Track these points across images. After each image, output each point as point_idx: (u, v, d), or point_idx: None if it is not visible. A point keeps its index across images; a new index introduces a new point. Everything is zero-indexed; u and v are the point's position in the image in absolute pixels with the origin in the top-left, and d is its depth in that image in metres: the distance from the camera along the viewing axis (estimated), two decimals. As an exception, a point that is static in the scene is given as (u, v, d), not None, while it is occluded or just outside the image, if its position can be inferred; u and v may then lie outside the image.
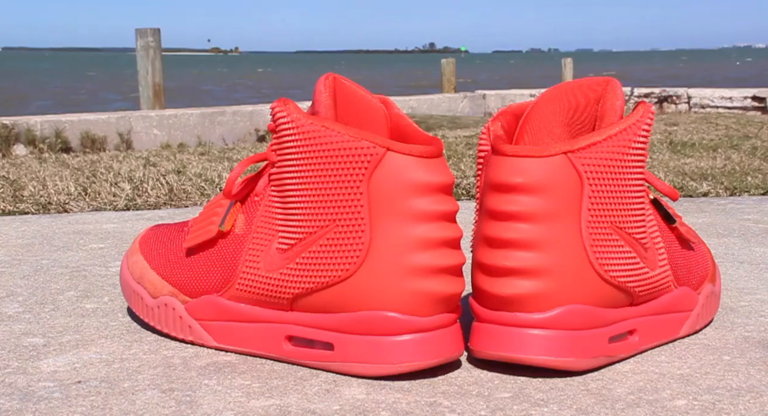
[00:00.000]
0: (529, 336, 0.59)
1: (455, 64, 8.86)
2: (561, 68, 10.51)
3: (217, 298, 0.64)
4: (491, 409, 0.54)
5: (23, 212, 1.30)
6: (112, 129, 5.49)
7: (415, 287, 0.58)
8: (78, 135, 5.32)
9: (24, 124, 5.34)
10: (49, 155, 2.68)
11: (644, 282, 0.63)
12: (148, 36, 5.95)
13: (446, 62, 8.83)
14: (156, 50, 6.02)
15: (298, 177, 0.60)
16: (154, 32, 5.91)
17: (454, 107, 7.79)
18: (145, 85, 6.01)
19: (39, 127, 5.37)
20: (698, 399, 0.56)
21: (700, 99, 7.41)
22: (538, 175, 0.59)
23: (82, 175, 1.65)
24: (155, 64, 6.02)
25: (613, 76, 0.66)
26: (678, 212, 1.21)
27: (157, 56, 6.04)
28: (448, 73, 8.74)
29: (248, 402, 0.55)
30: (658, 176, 1.61)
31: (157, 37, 5.99)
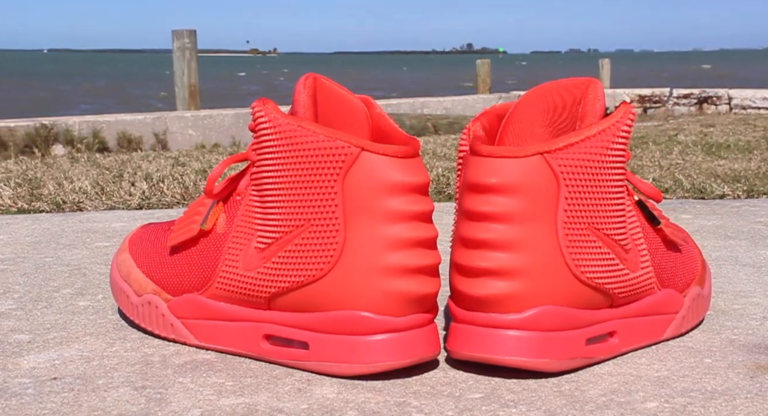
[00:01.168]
0: (504, 336, 0.59)
1: (490, 65, 8.83)
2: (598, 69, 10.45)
3: (198, 297, 0.65)
4: (459, 410, 0.54)
5: (38, 210, 1.32)
6: (148, 129, 5.54)
7: (389, 287, 0.58)
8: (115, 135, 5.38)
9: (63, 124, 5.41)
10: (82, 155, 2.71)
11: (624, 284, 0.62)
12: (184, 37, 6.00)
13: (481, 63, 8.81)
14: (192, 51, 6.06)
15: (275, 176, 0.60)
16: (190, 34, 5.95)
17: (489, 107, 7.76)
18: (180, 86, 6.05)
19: (77, 127, 5.43)
20: (670, 401, 0.55)
21: (741, 100, 7.34)
22: (514, 175, 0.59)
23: (108, 174, 1.67)
24: (191, 66, 6.06)
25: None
26: (689, 214, 1.20)
27: (193, 57, 6.08)
28: (483, 74, 8.72)
29: (218, 401, 0.55)
30: (689, 177, 1.59)
31: (193, 38, 6.03)
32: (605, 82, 10.56)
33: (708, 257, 0.96)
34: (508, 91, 8.38)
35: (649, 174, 1.64)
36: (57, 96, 14.74)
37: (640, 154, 2.07)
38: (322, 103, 0.65)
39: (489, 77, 8.78)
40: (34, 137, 5.32)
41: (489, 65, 8.82)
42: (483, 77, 8.73)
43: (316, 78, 0.65)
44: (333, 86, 0.65)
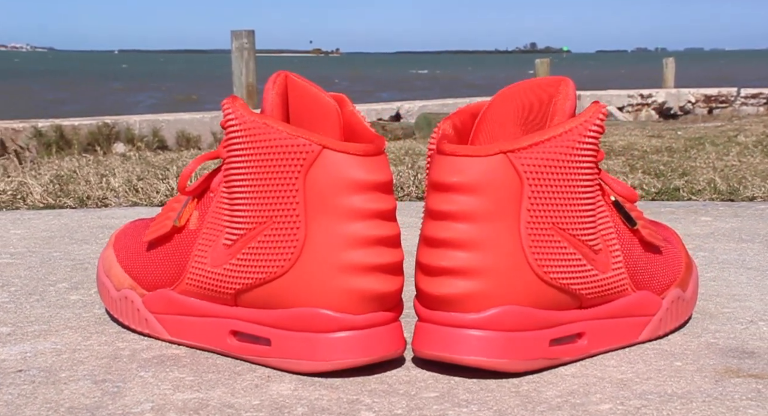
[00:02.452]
0: (464, 336, 0.59)
1: (550, 65, 8.77)
2: (662, 68, 10.31)
3: (170, 292, 0.65)
4: (409, 408, 0.54)
5: (62, 206, 1.34)
6: (206, 128, 5.60)
7: (348, 285, 0.58)
8: (174, 134, 5.45)
9: (124, 123, 5.50)
10: (134, 153, 2.75)
11: (592, 285, 0.62)
12: (242, 38, 6.05)
13: (540, 62, 8.76)
14: (250, 51, 6.11)
15: (241, 173, 0.61)
16: (248, 34, 6.00)
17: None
18: (239, 85, 6.10)
19: (138, 126, 5.51)
20: (625, 404, 0.55)
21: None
22: (475, 174, 0.58)
23: (149, 172, 1.69)
24: (249, 65, 6.11)
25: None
26: (709, 216, 1.18)
27: (251, 57, 6.13)
28: (542, 73, 8.66)
29: (172, 395, 0.56)
30: (743, 178, 1.56)
31: (251, 38, 6.08)
32: (669, 82, 10.42)
33: (714, 260, 0.95)
34: (567, 91, 8.32)
35: (701, 176, 1.61)
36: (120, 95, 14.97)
37: (695, 155, 2.03)
38: (294, 101, 0.65)
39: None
40: (97, 136, 5.42)
41: (548, 65, 8.76)
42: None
43: (287, 76, 0.65)
44: (305, 85, 0.66)
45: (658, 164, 1.84)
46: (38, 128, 5.27)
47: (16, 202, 1.36)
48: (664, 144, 2.25)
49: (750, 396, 0.56)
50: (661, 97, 8.97)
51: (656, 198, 1.42)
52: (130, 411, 0.53)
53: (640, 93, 8.88)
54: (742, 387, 0.58)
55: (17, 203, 1.35)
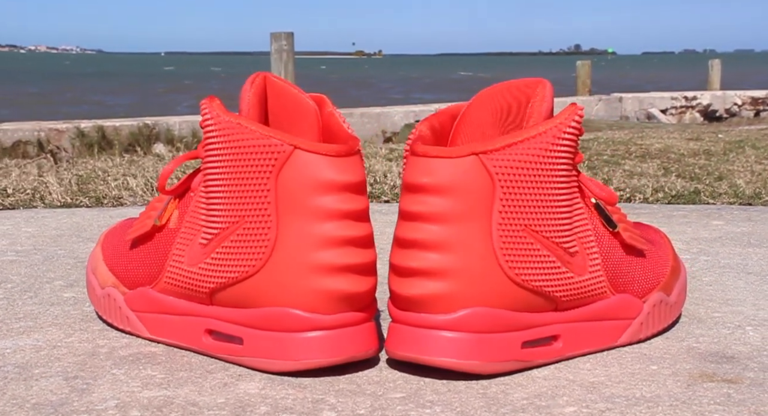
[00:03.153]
0: (434, 337, 0.59)
1: (591, 66, 8.71)
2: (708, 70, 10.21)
3: (150, 290, 0.66)
4: (373, 409, 0.54)
5: (78, 205, 1.36)
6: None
7: (318, 285, 0.58)
8: (212, 134, 5.49)
9: (164, 124, 5.55)
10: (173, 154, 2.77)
11: (567, 287, 0.61)
12: (281, 40, 6.08)
13: (581, 64, 8.70)
14: (289, 53, 6.14)
15: (217, 173, 0.61)
16: (287, 36, 6.03)
17: (587, 110, 7.68)
18: (277, 86, 6.13)
19: (177, 127, 5.56)
20: (590, 406, 0.55)
21: None
22: (446, 176, 0.58)
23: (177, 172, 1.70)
24: (288, 67, 6.14)
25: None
26: (721, 220, 1.17)
27: (290, 59, 6.16)
28: (583, 75, 8.61)
29: (139, 393, 0.56)
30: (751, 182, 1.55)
31: (290, 40, 6.10)
32: (715, 84, 10.31)
33: (716, 264, 0.94)
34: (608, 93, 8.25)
35: (738, 179, 1.59)
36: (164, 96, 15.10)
37: (733, 158, 2.01)
38: (273, 102, 0.66)
39: (589, 79, 8.66)
40: (138, 136, 5.48)
41: (589, 66, 8.70)
42: (583, 79, 8.62)
43: (266, 77, 0.65)
44: (284, 85, 0.66)
45: (693, 167, 1.82)
46: (81, 128, 5.33)
47: (34, 201, 1.38)
48: (702, 147, 2.22)
49: (718, 401, 0.55)
50: (706, 99, 8.89)
51: (672, 201, 1.41)
52: (94, 408, 0.54)
53: (684, 95, 8.80)
54: (712, 391, 0.57)
55: (35, 202, 1.37)
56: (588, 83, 8.66)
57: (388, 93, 16.94)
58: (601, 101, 7.75)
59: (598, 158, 2.01)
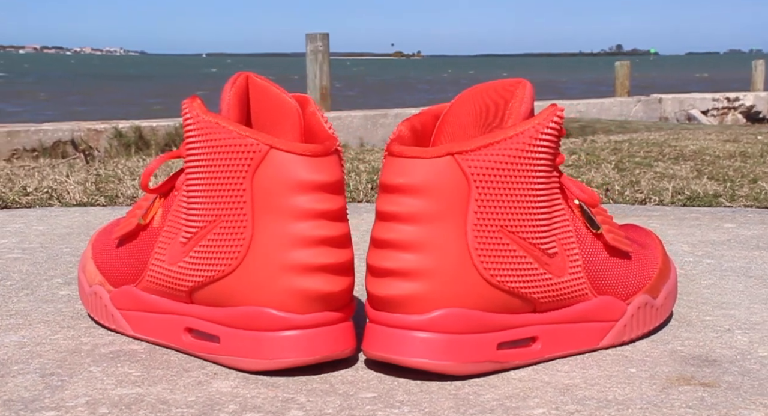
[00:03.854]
0: (408, 337, 0.59)
1: (630, 67, 8.65)
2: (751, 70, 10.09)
3: (133, 288, 0.67)
4: (341, 408, 0.54)
5: (93, 204, 1.37)
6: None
7: (292, 285, 0.58)
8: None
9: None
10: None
11: (545, 289, 0.61)
12: (317, 41, 6.10)
13: (620, 65, 8.64)
14: (324, 54, 6.16)
15: (195, 172, 0.62)
16: (323, 37, 6.05)
17: (626, 111, 7.62)
18: (313, 88, 6.15)
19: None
20: (560, 408, 0.54)
21: None
22: (421, 176, 0.58)
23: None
24: (323, 68, 6.16)
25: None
26: (733, 223, 1.15)
27: (325, 60, 6.17)
28: (622, 76, 8.55)
29: (112, 390, 0.57)
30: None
31: (326, 41, 6.12)
32: (758, 85, 10.19)
33: (718, 268, 0.93)
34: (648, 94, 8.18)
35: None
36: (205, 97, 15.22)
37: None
38: (256, 102, 0.66)
39: (628, 80, 8.60)
40: (174, 136, 5.52)
41: (628, 67, 8.64)
42: (621, 80, 8.56)
43: (248, 77, 0.66)
44: (267, 85, 0.66)
45: (728, 169, 1.80)
46: (118, 129, 5.38)
47: (51, 200, 1.39)
48: (739, 149, 2.20)
49: (691, 404, 0.55)
50: (749, 100, 8.78)
51: (687, 203, 1.40)
52: (64, 405, 0.54)
53: (726, 96, 8.70)
54: (687, 394, 0.57)
55: (52, 201, 1.39)
56: (627, 84, 8.60)
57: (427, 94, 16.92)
58: (640, 102, 7.69)
59: (630, 160, 2.00)
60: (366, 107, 7.32)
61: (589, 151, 2.30)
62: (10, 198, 1.39)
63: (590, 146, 2.51)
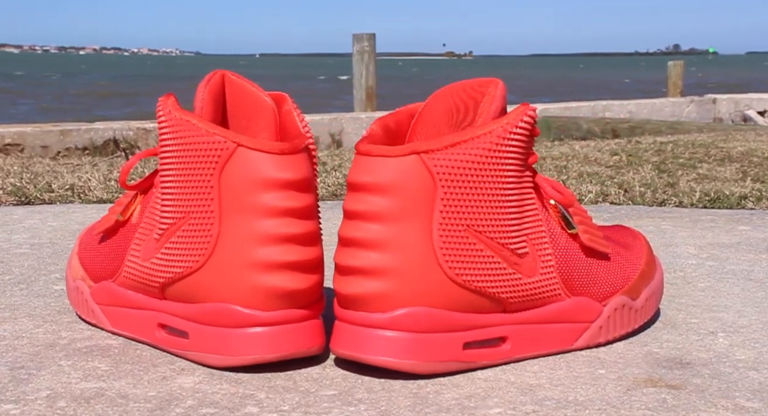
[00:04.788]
0: (372, 336, 0.59)
1: (683, 67, 8.53)
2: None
3: (111, 284, 0.67)
4: (297, 405, 0.55)
5: (113, 201, 1.39)
6: (325, 130, 5.68)
7: (257, 282, 0.59)
8: (294, 134, 5.56)
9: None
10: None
11: (514, 289, 0.61)
12: (363, 41, 6.11)
13: (673, 64, 8.53)
14: (370, 54, 6.17)
15: (167, 168, 0.62)
16: (369, 37, 6.06)
17: (678, 111, 7.52)
18: (359, 87, 6.17)
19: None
20: (517, 409, 0.54)
21: None
22: (386, 175, 0.58)
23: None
24: (369, 68, 6.17)
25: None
26: (748, 225, 1.14)
27: (371, 60, 6.18)
28: (675, 76, 8.44)
29: (76, 384, 0.57)
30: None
31: (372, 42, 6.13)
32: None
33: (719, 270, 0.91)
34: (702, 94, 8.07)
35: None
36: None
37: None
38: (232, 100, 0.66)
39: (681, 80, 8.49)
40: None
41: (682, 67, 8.53)
42: (674, 80, 8.46)
43: (224, 75, 0.66)
44: (243, 84, 0.67)
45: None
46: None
47: (72, 197, 1.41)
48: (792, 151, 2.16)
49: (650, 406, 0.54)
50: (812, 101, 8.61)
51: (708, 205, 1.38)
52: (24, 398, 0.55)
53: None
54: (649, 396, 0.56)
55: (73, 198, 1.40)
56: (680, 84, 8.49)
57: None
58: (693, 103, 7.58)
59: (674, 162, 1.97)
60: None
61: (632, 152, 2.28)
62: (33, 194, 1.41)
63: (634, 147, 2.49)
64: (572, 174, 1.76)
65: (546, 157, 2.21)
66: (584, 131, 5.64)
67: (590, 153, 2.27)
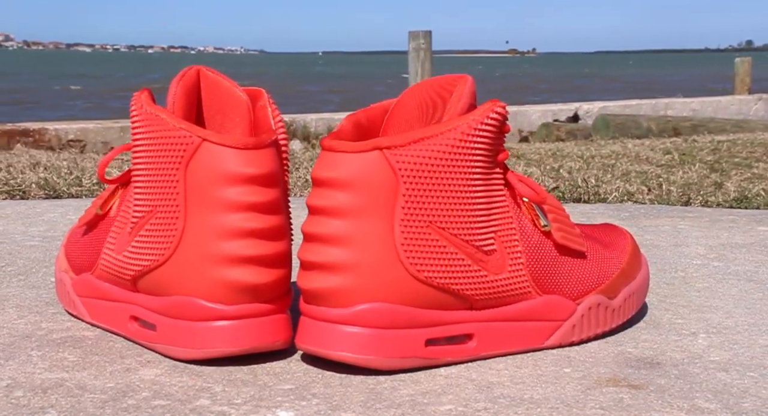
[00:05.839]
0: (332, 331, 0.59)
1: (751, 64, 8.37)
2: None
3: (90, 276, 0.68)
4: (250, 398, 0.55)
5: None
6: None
7: (220, 276, 0.59)
8: (347, 132, 5.58)
9: (301, 121, 5.65)
10: (307, 150, 2.82)
11: (479, 286, 0.60)
12: (419, 38, 6.10)
13: (740, 61, 8.38)
14: (426, 52, 6.16)
15: (138, 162, 0.63)
16: (425, 35, 6.05)
17: (745, 110, 7.38)
18: (415, 85, 6.16)
19: (314, 124, 5.66)
20: (468, 406, 0.54)
21: None
22: (348, 170, 0.58)
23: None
24: (425, 66, 6.16)
25: None
26: (765, 224, 1.12)
27: (427, 58, 6.17)
28: (742, 73, 8.28)
29: (39, 375, 0.58)
30: None
31: (428, 39, 6.12)
32: None
33: (723, 271, 0.90)
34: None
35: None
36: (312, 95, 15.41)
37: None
38: (207, 95, 0.67)
39: (749, 77, 8.33)
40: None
41: (749, 64, 8.36)
42: (741, 77, 8.30)
43: (199, 71, 0.67)
44: (218, 79, 0.67)
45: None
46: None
47: (100, 191, 1.43)
48: None
49: (604, 406, 0.54)
50: None
51: (734, 205, 1.35)
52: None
53: None
54: (607, 395, 0.55)
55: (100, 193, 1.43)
56: (747, 81, 8.33)
57: (530, 91, 16.71)
58: (761, 100, 7.44)
59: (729, 161, 1.95)
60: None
61: (686, 151, 2.25)
62: (61, 188, 1.44)
63: (690, 145, 2.45)
64: (617, 173, 1.74)
65: (594, 155, 2.19)
66: (644, 130, 5.56)
67: (642, 152, 2.25)
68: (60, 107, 12.19)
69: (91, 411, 0.52)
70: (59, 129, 4.99)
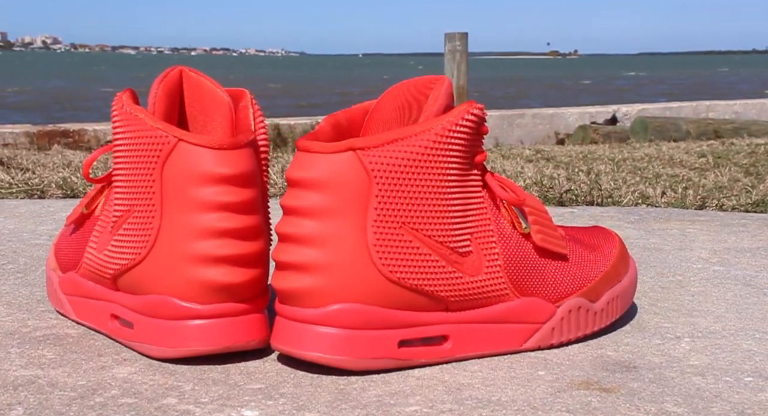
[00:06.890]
0: (304, 331, 0.59)
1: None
2: None
3: (74, 274, 0.69)
4: (217, 397, 0.55)
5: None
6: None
7: (194, 275, 0.60)
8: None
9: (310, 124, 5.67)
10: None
11: (454, 288, 0.60)
12: (455, 40, 6.09)
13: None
14: (462, 54, 6.14)
15: (118, 162, 0.64)
16: (461, 36, 6.03)
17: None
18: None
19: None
20: (435, 407, 0.54)
21: None
22: (322, 171, 0.59)
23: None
24: (461, 68, 6.14)
25: None
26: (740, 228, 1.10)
27: (463, 60, 6.15)
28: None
29: (14, 372, 0.59)
30: None
31: (464, 41, 6.10)
32: None
33: (722, 275, 0.89)
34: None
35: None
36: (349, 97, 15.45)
37: None
38: (189, 96, 0.67)
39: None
40: (311, 133, 5.63)
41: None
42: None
43: (182, 71, 0.67)
44: (201, 80, 0.67)
45: None
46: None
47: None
48: None
49: (571, 409, 0.53)
50: None
51: (750, 209, 1.34)
52: (-43, 382, 0.57)
53: None
54: (575, 399, 0.55)
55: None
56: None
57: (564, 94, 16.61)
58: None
59: (766, 165, 1.92)
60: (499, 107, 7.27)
61: (721, 154, 2.23)
62: (78, 188, 1.45)
63: (726, 148, 2.43)
64: (647, 175, 1.73)
65: (626, 158, 2.17)
66: (684, 133, 5.50)
67: (676, 155, 2.23)
68: (102, 109, 12.34)
69: (57, 409, 0.53)
70: (98, 130, 5.04)
